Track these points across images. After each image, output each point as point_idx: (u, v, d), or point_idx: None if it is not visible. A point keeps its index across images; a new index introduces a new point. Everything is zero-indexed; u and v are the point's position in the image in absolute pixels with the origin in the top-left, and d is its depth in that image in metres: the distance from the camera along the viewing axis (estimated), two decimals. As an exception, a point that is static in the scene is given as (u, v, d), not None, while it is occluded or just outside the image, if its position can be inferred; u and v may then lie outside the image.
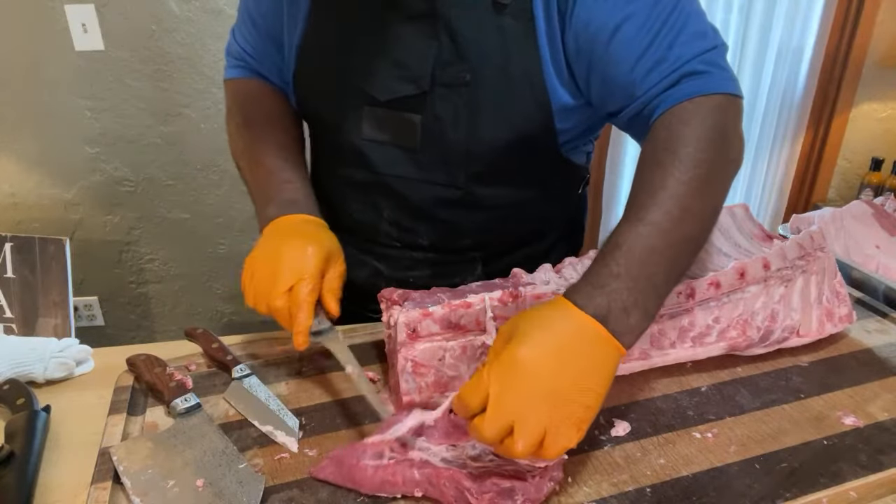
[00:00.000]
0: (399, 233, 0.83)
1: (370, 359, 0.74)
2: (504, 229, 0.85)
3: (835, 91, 2.19)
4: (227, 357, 0.71)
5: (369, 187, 0.81)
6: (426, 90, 0.73)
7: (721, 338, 0.72)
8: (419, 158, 0.77)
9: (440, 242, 0.83)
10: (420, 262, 0.85)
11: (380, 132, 0.77)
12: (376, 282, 0.84)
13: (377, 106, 0.76)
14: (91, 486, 0.55)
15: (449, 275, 0.85)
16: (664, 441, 0.61)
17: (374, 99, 0.75)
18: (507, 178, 0.79)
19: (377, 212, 0.83)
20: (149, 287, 2.02)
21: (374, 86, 0.75)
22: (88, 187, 1.85)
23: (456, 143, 0.75)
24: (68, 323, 0.81)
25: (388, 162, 0.78)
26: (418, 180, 0.78)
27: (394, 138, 0.76)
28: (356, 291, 0.81)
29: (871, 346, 0.77)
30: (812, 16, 2.10)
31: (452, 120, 0.73)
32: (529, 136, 0.74)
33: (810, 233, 0.77)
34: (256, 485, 0.55)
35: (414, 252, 0.84)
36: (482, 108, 0.72)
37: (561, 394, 0.50)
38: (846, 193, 2.36)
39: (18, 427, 0.62)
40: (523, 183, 0.81)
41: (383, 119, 0.76)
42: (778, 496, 0.55)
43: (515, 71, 0.71)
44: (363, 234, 0.85)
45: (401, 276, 0.85)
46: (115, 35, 1.69)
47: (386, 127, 0.76)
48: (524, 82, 0.71)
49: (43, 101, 1.74)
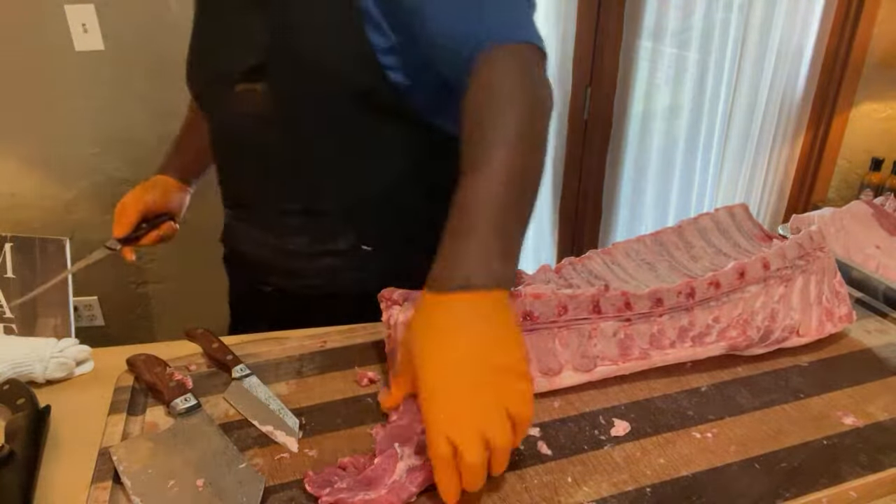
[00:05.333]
0: (273, 199, 0.88)
1: (370, 359, 0.74)
2: (368, 192, 0.86)
3: (835, 91, 2.20)
4: (227, 357, 0.71)
5: (241, 159, 0.88)
6: (263, 60, 0.78)
7: (721, 337, 0.72)
8: (275, 126, 0.81)
9: (307, 206, 0.86)
10: (294, 229, 0.88)
11: (240, 105, 0.82)
12: (261, 252, 0.91)
13: (235, 81, 0.81)
14: (91, 486, 0.55)
15: (323, 241, 0.87)
16: (664, 441, 0.61)
17: (229, 76, 0.81)
18: (361, 140, 0.81)
19: (250, 183, 0.90)
20: (149, 287, 2.02)
21: (224, 63, 0.82)
22: (88, 187, 1.85)
23: (300, 106, 0.79)
24: (68, 323, 0.81)
25: (251, 132, 0.84)
26: (279, 148, 0.83)
27: (250, 110, 0.81)
28: (248, 264, 0.95)
29: (871, 346, 0.77)
30: (812, 16, 2.11)
31: (292, 83, 0.78)
32: (367, 90, 0.76)
33: (810, 232, 0.77)
34: (256, 485, 0.55)
35: (287, 218, 0.87)
36: (313, 69, 0.76)
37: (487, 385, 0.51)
38: (846, 193, 2.36)
39: (18, 427, 0.62)
40: (381, 145, 0.83)
41: (240, 92, 0.81)
42: (778, 496, 0.55)
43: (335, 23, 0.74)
44: (244, 206, 0.93)
45: (281, 245, 0.89)
46: (115, 35, 1.69)
47: (243, 99, 0.81)
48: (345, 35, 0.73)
49: (43, 101, 1.74)
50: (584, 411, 0.65)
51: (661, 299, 0.70)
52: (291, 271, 0.90)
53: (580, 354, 0.68)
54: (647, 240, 0.85)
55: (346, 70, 0.76)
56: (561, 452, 0.60)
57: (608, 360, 0.68)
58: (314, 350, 0.76)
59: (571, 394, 0.68)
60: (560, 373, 0.66)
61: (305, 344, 0.77)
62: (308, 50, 0.76)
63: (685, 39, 2.04)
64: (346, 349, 0.76)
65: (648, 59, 2.05)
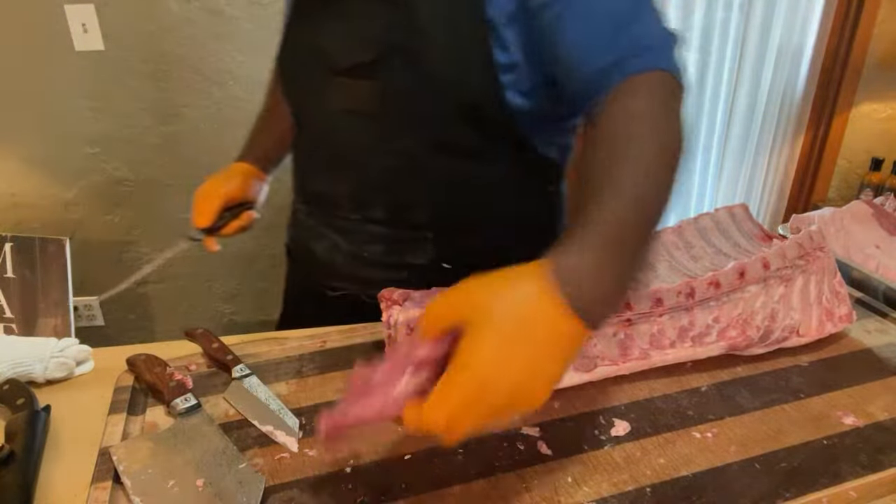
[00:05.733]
0: (357, 204, 0.85)
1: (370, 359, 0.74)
2: (456, 208, 0.84)
3: (835, 91, 2.20)
4: (227, 357, 0.71)
5: (332, 157, 0.85)
6: (381, 56, 0.75)
7: (721, 337, 0.72)
8: (377, 126, 0.79)
9: (394, 216, 0.84)
10: (375, 237, 0.86)
11: (343, 100, 0.80)
12: (333, 255, 0.88)
13: (340, 75, 0.79)
14: (91, 486, 0.55)
15: (401, 252, 0.86)
16: (664, 441, 0.61)
17: (336, 68, 0.79)
18: (465, 152, 0.80)
19: (338, 182, 0.86)
20: (149, 287, 2.02)
21: (336, 54, 0.79)
22: (88, 187, 1.85)
23: (409, 109, 0.77)
24: (68, 323, 0.81)
25: (349, 130, 0.81)
26: (377, 148, 0.81)
27: (355, 105, 0.80)
28: (315, 263, 0.90)
29: (871, 346, 0.77)
30: (812, 16, 2.11)
31: (405, 85, 0.76)
32: (479, 105, 0.75)
33: (810, 232, 0.77)
34: (256, 485, 0.55)
35: (370, 225, 0.85)
36: (431, 74, 0.74)
37: (507, 392, 0.45)
38: (846, 193, 2.36)
39: (18, 427, 0.62)
40: (483, 161, 0.81)
41: (346, 87, 0.79)
42: (778, 496, 0.55)
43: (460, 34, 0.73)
44: (324, 205, 0.89)
45: (356, 251, 0.87)
46: (115, 35, 1.69)
47: (348, 95, 0.80)
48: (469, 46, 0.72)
49: (43, 101, 1.74)
50: (584, 411, 0.65)
51: (661, 299, 0.70)
52: (362, 279, 0.87)
53: (580, 354, 0.68)
54: (647, 240, 0.85)
55: (463, 82, 0.74)
56: (561, 452, 0.60)
57: (608, 360, 0.68)
58: (314, 350, 0.76)
59: (571, 394, 0.68)
60: (560, 373, 0.66)
61: (305, 344, 0.77)
62: (428, 55, 0.74)
63: (685, 39, 2.04)
64: (346, 349, 0.76)
65: (648, 59, 2.05)
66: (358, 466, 0.58)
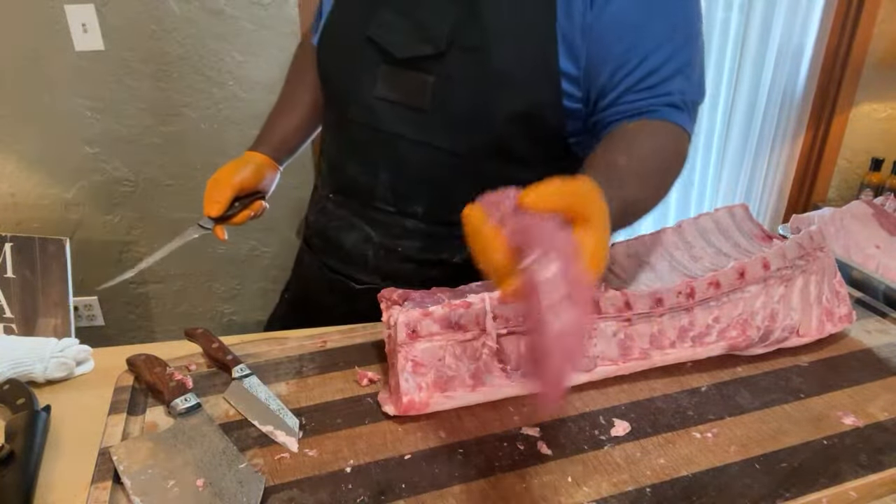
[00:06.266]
0: (395, 197, 0.85)
1: (370, 359, 0.74)
2: None
3: (835, 91, 2.20)
4: (227, 357, 0.71)
5: (372, 147, 0.84)
6: (442, 51, 0.75)
7: (721, 337, 0.72)
8: (426, 119, 0.79)
9: (434, 212, 0.84)
10: (411, 232, 0.86)
11: (392, 91, 0.80)
12: (365, 248, 0.88)
13: (393, 65, 0.79)
14: (91, 486, 0.55)
15: (438, 249, 0.85)
16: (664, 441, 0.61)
17: (391, 57, 0.79)
18: (510, 155, 0.80)
19: (376, 173, 0.85)
20: (149, 287, 2.02)
21: (392, 44, 0.79)
22: (88, 187, 1.85)
23: (464, 106, 0.77)
24: (68, 323, 0.81)
25: (395, 121, 0.81)
26: (422, 142, 0.80)
27: (404, 97, 0.80)
28: (344, 255, 0.89)
29: (871, 346, 0.77)
30: (812, 16, 2.11)
31: (463, 83, 0.76)
32: (537, 110, 0.76)
33: (810, 232, 0.77)
34: (256, 485, 0.55)
35: (406, 220, 0.85)
36: (494, 75, 0.75)
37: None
38: (846, 193, 2.36)
39: (18, 427, 0.62)
40: (525, 165, 0.81)
41: (397, 78, 0.79)
42: (778, 496, 0.55)
43: (529, 39, 0.73)
44: (359, 195, 0.88)
45: (390, 245, 0.87)
46: (115, 35, 1.69)
47: (399, 85, 0.79)
48: (537, 52, 0.74)
49: (43, 101, 1.74)
50: (584, 411, 0.65)
51: (661, 299, 0.70)
52: (392, 273, 0.87)
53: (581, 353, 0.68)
54: (647, 240, 0.85)
55: (525, 86, 0.75)
56: (561, 452, 0.60)
57: (608, 360, 0.68)
58: (314, 350, 0.76)
59: (571, 394, 0.68)
60: (560, 373, 0.66)
61: (305, 344, 0.77)
62: (493, 56, 0.74)
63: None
64: (346, 349, 0.76)
65: (648, 59, 2.05)
66: (358, 466, 0.58)
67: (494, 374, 0.65)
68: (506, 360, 0.65)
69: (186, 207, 1.92)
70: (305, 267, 1.01)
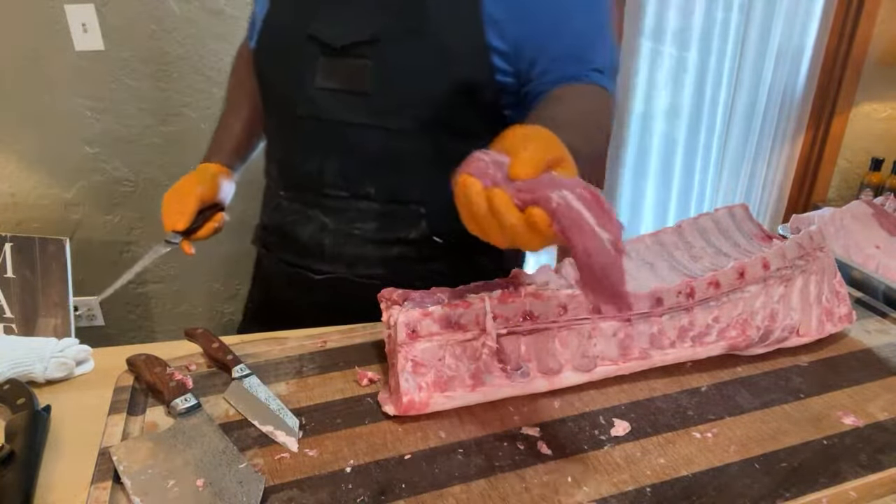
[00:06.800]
0: (346, 182, 0.87)
1: (370, 359, 0.74)
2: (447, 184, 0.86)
3: (835, 91, 2.20)
4: (227, 357, 0.71)
5: (319, 137, 0.86)
6: (378, 36, 0.78)
7: (721, 337, 0.72)
8: (368, 103, 0.82)
9: (386, 192, 0.86)
10: (365, 214, 0.87)
11: (332, 80, 0.82)
12: (321, 237, 0.89)
13: (331, 55, 0.81)
14: (91, 486, 0.55)
15: (394, 227, 0.87)
16: (664, 441, 0.61)
17: (328, 48, 0.81)
18: (453, 129, 0.82)
19: (326, 162, 0.87)
20: (149, 287, 2.02)
21: (329, 34, 0.81)
22: (88, 187, 1.85)
23: (403, 87, 0.80)
24: (68, 323, 0.81)
25: (338, 108, 0.83)
26: (367, 125, 0.83)
27: (346, 84, 0.82)
28: (301, 247, 0.91)
29: (871, 346, 0.77)
30: (812, 16, 2.11)
31: (401, 64, 0.79)
32: (473, 86, 0.80)
33: (810, 232, 0.77)
34: (256, 485, 0.55)
35: (360, 202, 0.87)
36: (429, 55, 0.78)
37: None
38: (846, 193, 2.36)
39: (18, 427, 0.62)
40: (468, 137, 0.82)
41: (336, 67, 0.82)
42: (778, 496, 0.55)
43: (459, 18, 0.77)
44: (310, 186, 0.89)
45: (346, 229, 0.88)
46: (115, 35, 1.69)
47: (338, 74, 0.82)
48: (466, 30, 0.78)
49: (43, 101, 1.74)
50: (584, 411, 0.65)
51: (661, 299, 0.70)
52: (352, 258, 0.89)
53: (580, 354, 0.68)
54: (647, 240, 0.85)
55: (460, 62, 0.79)
56: (561, 452, 0.60)
57: (608, 360, 0.68)
58: (314, 350, 0.76)
59: (571, 394, 0.68)
60: (560, 373, 0.66)
61: (305, 344, 0.77)
62: (426, 35, 0.78)
63: (685, 39, 2.04)
64: (346, 349, 0.76)
65: (648, 59, 2.05)
66: (358, 466, 0.58)
67: (494, 374, 0.65)
68: (506, 360, 0.65)
69: (186, 207, 1.91)
70: (264, 270, 1.03)
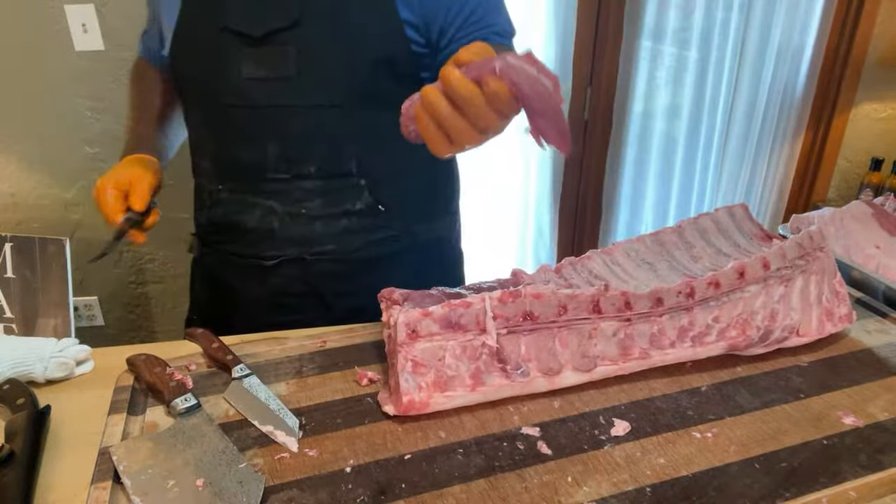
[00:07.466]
0: (287, 164, 0.89)
1: (370, 359, 0.74)
2: (383, 154, 0.91)
3: (835, 91, 2.19)
4: (227, 357, 0.71)
5: (254, 125, 0.88)
6: (297, 20, 0.82)
7: (721, 337, 0.72)
8: (297, 85, 0.85)
9: (326, 167, 0.89)
10: (310, 192, 0.89)
11: (259, 69, 0.85)
12: (269, 221, 0.91)
13: (254, 45, 0.84)
14: (91, 486, 0.55)
15: (339, 200, 0.90)
16: (664, 441, 0.61)
17: (250, 39, 0.84)
18: (379, 100, 0.84)
19: (264, 148, 0.89)
20: (149, 287, 2.02)
21: (248, 25, 0.84)
22: (88, 187, 1.85)
23: (328, 65, 0.84)
24: (68, 323, 0.81)
25: (269, 94, 0.86)
26: (299, 106, 0.86)
27: (272, 71, 0.85)
28: (248, 236, 0.93)
29: (871, 346, 0.77)
30: (812, 16, 2.10)
31: (322, 45, 0.83)
32: (392, 58, 0.85)
33: (810, 232, 0.77)
34: (256, 485, 0.55)
35: (303, 182, 0.89)
36: (347, 34, 0.83)
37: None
38: (846, 193, 2.36)
39: (18, 427, 0.62)
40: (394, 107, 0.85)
41: (261, 55, 0.84)
42: (778, 496, 0.55)
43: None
44: (251, 174, 0.91)
45: (294, 210, 0.90)
46: (115, 35, 1.69)
47: (264, 62, 0.84)
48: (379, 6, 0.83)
49: (43, 101, 1.74)
50: (584, 411, 0.65)
51: (661, 299, 0.70)
52: (302, 238, 0.91)
53: (580, 354, 0.68)
54: (647, 240, 0.85)
55: (377, 37, 0.84)
56: (561, 452, 0.60)
57: (608, 360, 0.68)
58: (314, 350, 0.76)
59: (571, 394, 0.68)
60: (560, 373, 0.67)
61: (305, 344, 0.77)
62: (343, 15, 0.83)
63: (685, 39, 2.04)
64: (346, 349, 0.76)
65: (648, 59, 2.05)
66: (358, 466, 0.58)
67: (494, 374, 0.65)
68: (506, 360, 0.65)
69: (186, 207, 1.91)
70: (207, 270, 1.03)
